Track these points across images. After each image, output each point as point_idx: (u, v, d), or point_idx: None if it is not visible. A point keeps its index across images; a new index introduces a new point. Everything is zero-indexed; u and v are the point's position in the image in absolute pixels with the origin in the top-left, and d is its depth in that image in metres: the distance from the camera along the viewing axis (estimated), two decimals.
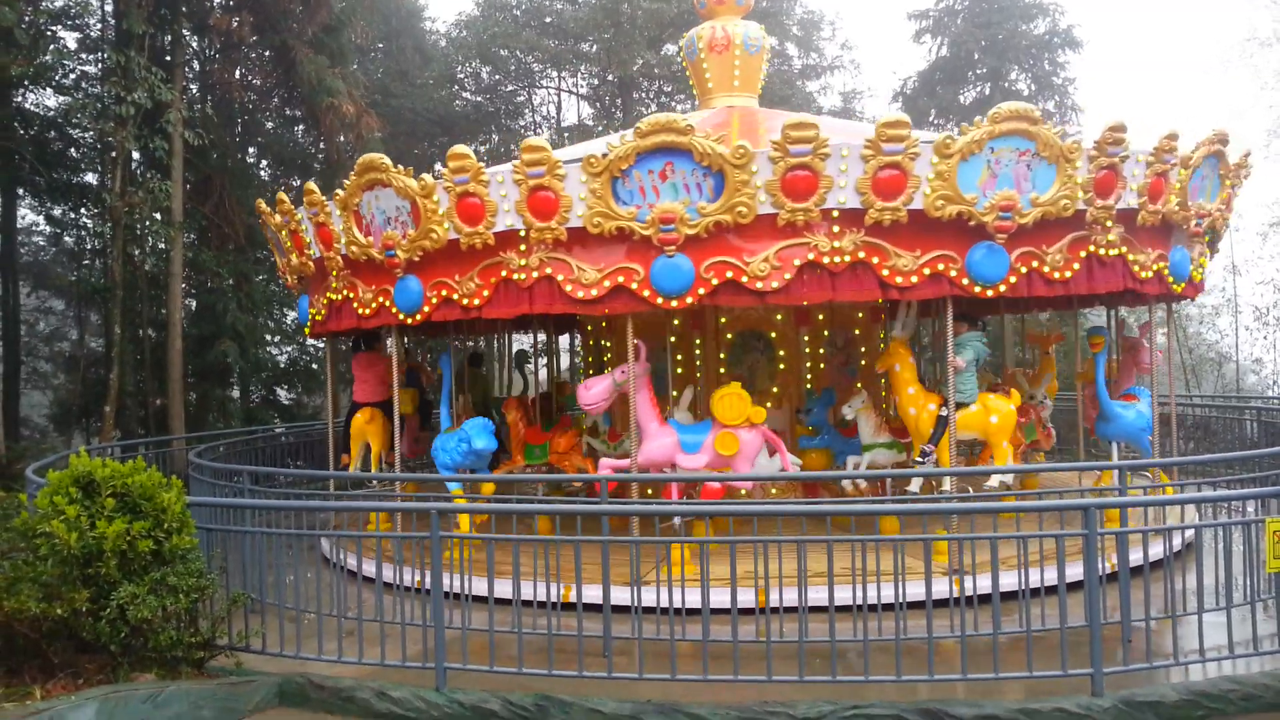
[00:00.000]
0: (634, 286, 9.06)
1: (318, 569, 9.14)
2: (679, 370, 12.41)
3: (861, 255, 8.79)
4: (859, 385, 11.94)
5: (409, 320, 10.23)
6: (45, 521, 7.03)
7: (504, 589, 7.64)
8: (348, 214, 10.26)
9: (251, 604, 7.81)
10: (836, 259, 8.78)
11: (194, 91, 24.12)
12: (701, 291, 8.96)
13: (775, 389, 12.21)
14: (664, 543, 7.42)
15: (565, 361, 24.41)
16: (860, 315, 12.32)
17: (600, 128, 28.22)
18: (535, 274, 9.30)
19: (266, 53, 23.26)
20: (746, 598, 7.01)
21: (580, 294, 9.17)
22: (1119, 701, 6.33)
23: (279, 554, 8.10)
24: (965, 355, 9.85)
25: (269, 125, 26.75)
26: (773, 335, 12.33)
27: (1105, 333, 11.31)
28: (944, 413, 9.69)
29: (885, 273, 8.83)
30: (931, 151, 8.62)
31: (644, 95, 30.58)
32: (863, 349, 12.51)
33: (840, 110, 31.15)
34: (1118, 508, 8.23)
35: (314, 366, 26.41)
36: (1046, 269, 9.19)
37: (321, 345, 24.98)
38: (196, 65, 24.11)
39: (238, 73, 23.76)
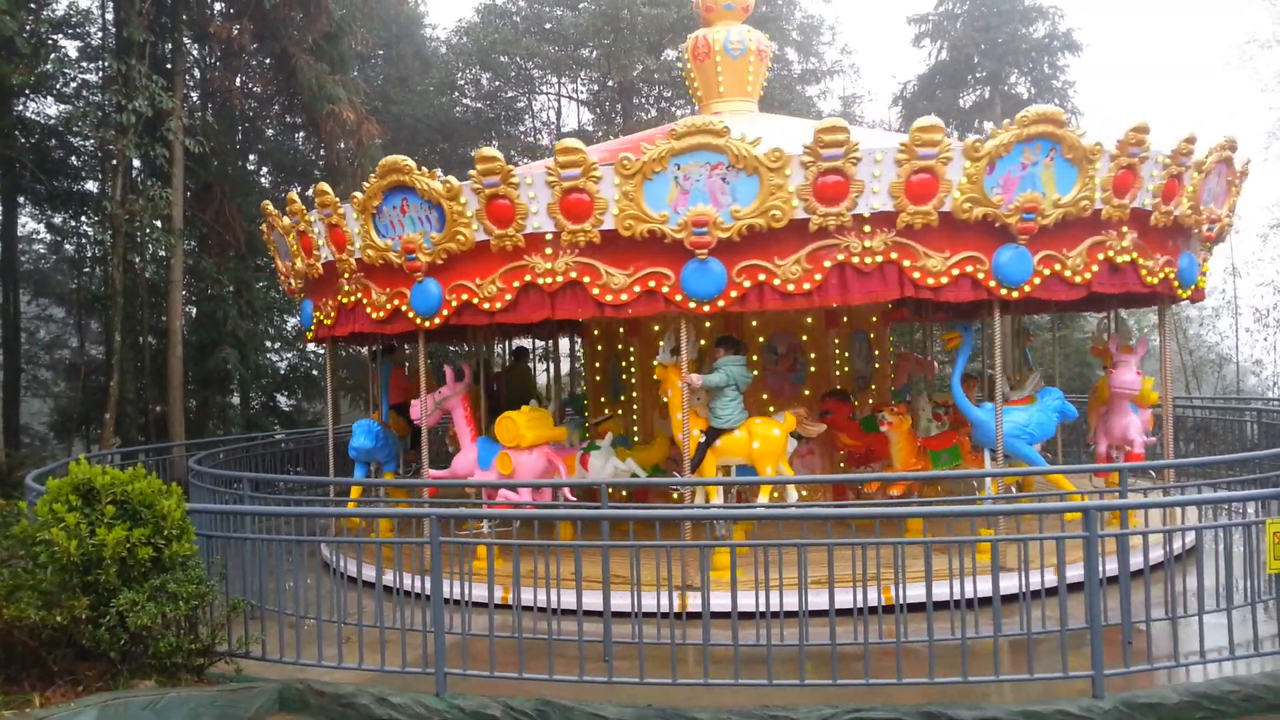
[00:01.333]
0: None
1: (317, 575, 9.13)
2: (812, 369, 12.48)
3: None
4: (806, 392, 12.07)
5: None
6: (45, 529, 7.03)
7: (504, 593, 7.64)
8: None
9: (251, 610, 7.80)
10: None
11: (194, 99, 24.17)
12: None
13: (806, 391, 12.24)
14: (665, 547, 7.42)
15: (565, 366, 24.40)
16: (809, 321, 12.36)
17: (600, 133, 28.25)
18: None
19: (267, 60, 23.31)
20: (746, 601, 7.00)
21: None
22: (1120, 703, 6.32)
23: (279, 560, 8.10)
24: (713, 379, 9.88)
25: (269, 132, 26.79)
26: (804, 338, 12.43)
27: (963, 329, 10.62)
28: (706, 439, 9.91)
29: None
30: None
31: (644, 100, 30.61)
32: (812, 355, 12.43)
33: (840, 114, 31.15)
34: (1118, 510, 8.22)
35: (314, 373, 26.42)
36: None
37: (322, 351, 25.04)
38: (197, 73, 24.18)
39: (238, 80, 23.80)
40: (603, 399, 13.36)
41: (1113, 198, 9.25)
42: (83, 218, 22.20)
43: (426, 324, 10.04)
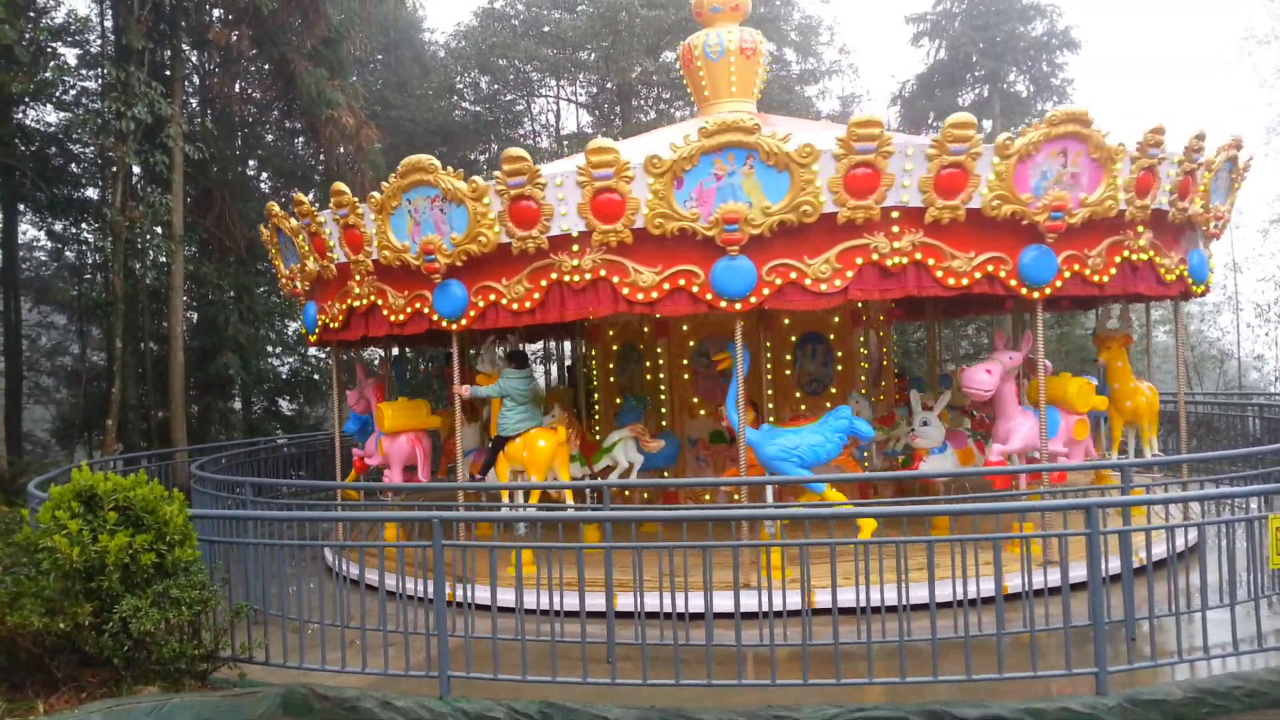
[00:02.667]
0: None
1: (320, 579, 9.14)
2: (839, 368, 12.55)
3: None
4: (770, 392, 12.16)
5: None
6: (47, 536, 7.02)
7: (506, 596, 7.63)
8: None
9: (254, 615, 7.80)
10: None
11: (194, 105, 24.19)
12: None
13: (833, 389, 12.24)
14: (666, 548, 7.42)
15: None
16: (646, 330, 12.40)
17: (599, 136, 28.22)
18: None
19: (266, 66, 23.31)
20: (750, 602, 7.00)
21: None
22: (1124, 700, 6.32)
23: (281, 565, 8.11)
24: (482, 391, 11.08)
25: (269, 138, 26.80)
26: (831, 336, 12.52)
27: (730, 348, 10.03)
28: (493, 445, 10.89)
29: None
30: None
31: (643, 103, 30.62)
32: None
33: (839, 114, 31.16)
34: (1120, 506, 8.22)
35: (315, 377, 26.43)
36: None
37: (324, 355, 25.04)
38: (196, 79, 24.18)
39: (237, 86, 23.82)
40: (618, 400, 13.25)
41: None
42: (83, 224, 22.23)
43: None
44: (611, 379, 13.01)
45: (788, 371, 12.60)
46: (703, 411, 11.94)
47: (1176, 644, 6.98)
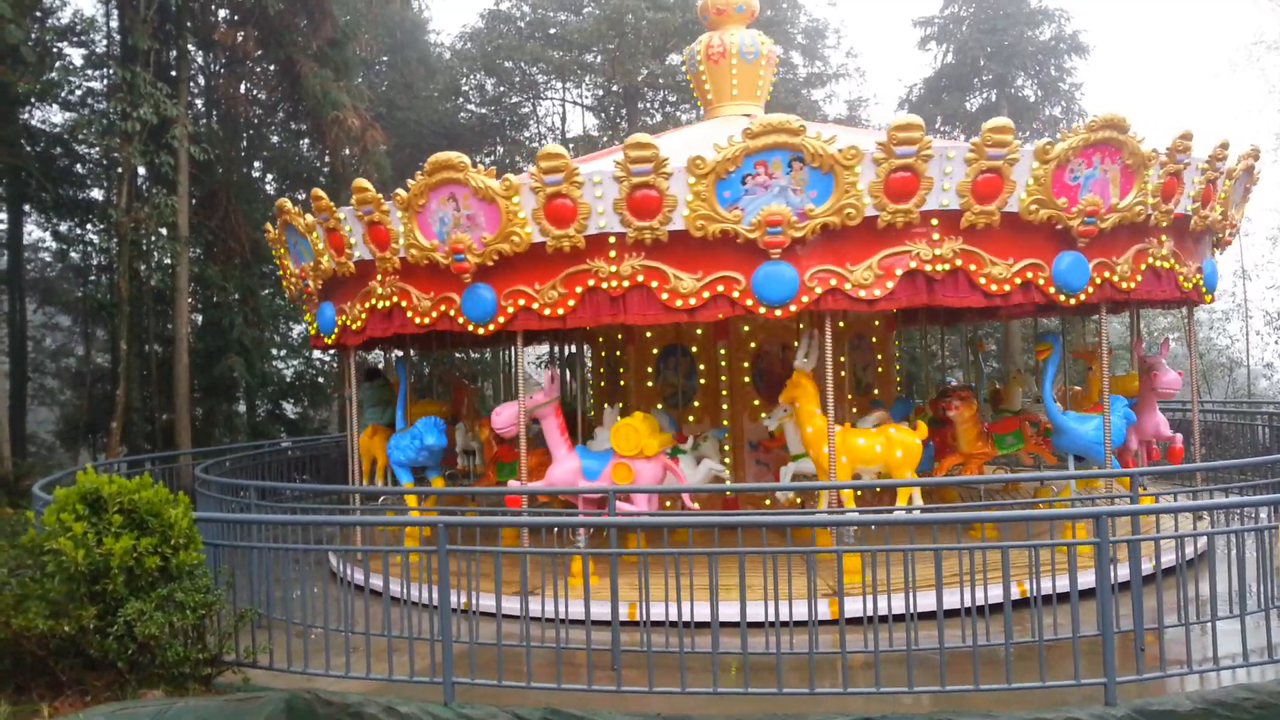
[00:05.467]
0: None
1: (324, 584, 9.10)
2: (702, 381, 12.44)
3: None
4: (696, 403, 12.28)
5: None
6: (52, 539, 7.01)
7: (511, 604, 7.60)
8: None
9: (259, 619, 7.78)
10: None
11: (199, 106, 24.22)
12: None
13: (877, 390, 12.22)
14: (671, 554, 7.38)
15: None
16: (699, 332, 12.36)
17: (605, 138, 28.24)
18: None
19: (271, 67, 23.32)
20: (755, 610, 6.96)
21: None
22: (1133, 710, 6.27)
23: (286, 569, 8.08)
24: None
25: (274, 139, 26.83)
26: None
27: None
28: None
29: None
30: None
31: (649, 105, 30.62)
32: (701, 366, 12.38)
33: (846, 118, 31.15)
34: (1130, 515, 8.17)
35: (320, 380, 26.43)
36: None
37: (329, 358, 25.05)
38: (202, 80, 24.21)
39: (243, 87, 23.85)
40: (660, 405, 12.86)
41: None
42: (88, 225, 22.27)
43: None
44: (649, 384, 12.72)
45: (842, 373, 12.54)
46: (764, 414, 11.82)
47: (1186, 654, 6.92)
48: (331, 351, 14.73)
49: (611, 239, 9.07)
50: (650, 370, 12.77)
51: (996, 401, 13.02)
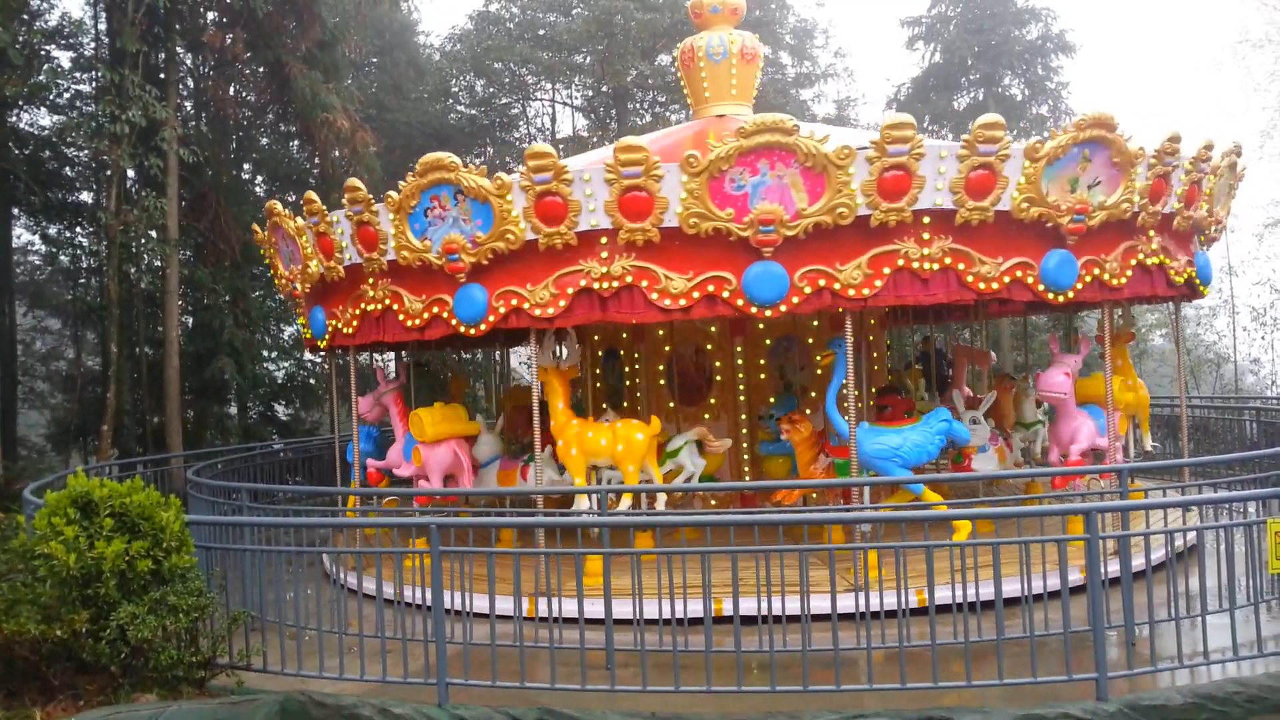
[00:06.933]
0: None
1: (318, 585, 9.10)
2: (627, 383, 12.55)
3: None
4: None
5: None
6: (43, 543, 7.00)
7: (505, 604, 7.61)
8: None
9: (252, 622, 7.77)
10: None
11: (188, 109, 24.13)
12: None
13: (814, 393, 12.23)
14: (666, 553, 7.40)
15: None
16: (625, 335, 12.44)
17: (595, 139, 28.25)
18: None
19: (260, 69, 23.25)
20: (749, 606, 6.99)
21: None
22: (1124, 706, 6.31)
23: (279, 571, 8.08)
24: None
25: (264, 141, 26.75)
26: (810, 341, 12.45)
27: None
28: None
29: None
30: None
31: (639, 106, 30.64)
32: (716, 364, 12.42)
33: (835, 118, 31.21)
34: (1119, 511, 8.22)
35: (311, 381, 26.38)
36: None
37: (319, 360, 25.00)
38: (190, 83, 24.13)
39: (232, 89, 23.75)
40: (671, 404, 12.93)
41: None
42: (78, 228, 22.15)
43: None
44: (661, 381, 12.64)
45: (762, 375, 12.51)
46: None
47: (1176, 649, 6.96)
48: (325, 353, 14.64)
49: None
50: (661, 368, 12.78)
51: (1000, 414, 12.60)
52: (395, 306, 10.25)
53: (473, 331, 9.73)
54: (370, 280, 10.49)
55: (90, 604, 7.03)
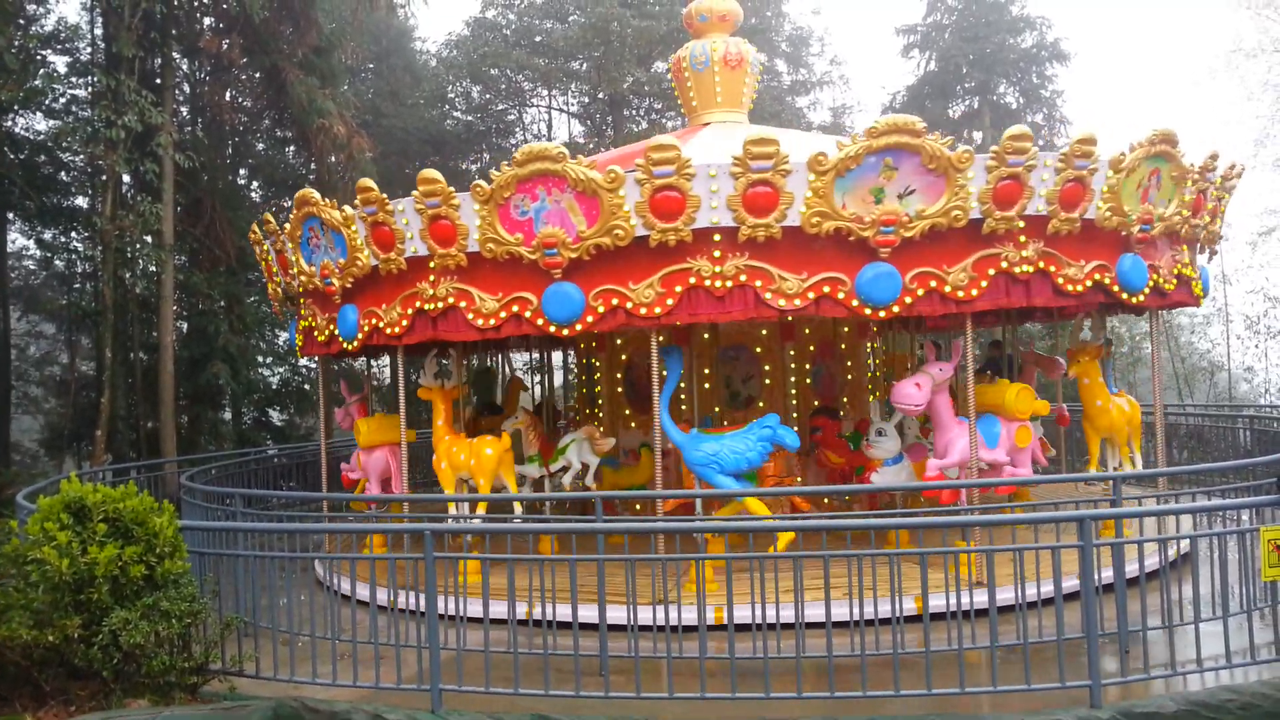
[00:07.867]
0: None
1: (311, 591, 9.08)
2: (598, 389, 12.71)
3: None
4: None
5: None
6: (36, 548, 6.99)
7: (499, 609, 7.59)
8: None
9: (245, 628, 7.75)
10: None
11: (184, 114, 24.14)
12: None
13: (762, 403, 12.20)
14: (657, 560, 7.39)
15: (559, 379, 24.40)
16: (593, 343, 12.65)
17: (591, 145, 28.28)
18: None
19: (257, 74, 23.28)
20: (743, 614, 6.99)
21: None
22: (1117, 713, 6.32)
23: (272, 577, 8.06)
24: None
25: (260, 147, 26.76)
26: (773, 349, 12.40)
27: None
28: None
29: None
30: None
31: (634, 113, 30.68)
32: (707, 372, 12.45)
33: (830, 125, 31.29)
34: (1113, 519, 8.23)
35: (306, 387, 26.34)
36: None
37: (313, 365, 24.95)
38: (187, 88, 24.14)
39: (228, 95, 23.76)
40: (627, 411, 13.03)
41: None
42: (73, 233, 22.15)
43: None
44: (707, 385, 12.33)
45: (808, 380, 12.58)
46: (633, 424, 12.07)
47: (1170, 656, 6.97)
48: (319, 359, 14.55)
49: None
50: (707, 371, 12.53)
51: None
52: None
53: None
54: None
55: (83, 609, 7.02)
